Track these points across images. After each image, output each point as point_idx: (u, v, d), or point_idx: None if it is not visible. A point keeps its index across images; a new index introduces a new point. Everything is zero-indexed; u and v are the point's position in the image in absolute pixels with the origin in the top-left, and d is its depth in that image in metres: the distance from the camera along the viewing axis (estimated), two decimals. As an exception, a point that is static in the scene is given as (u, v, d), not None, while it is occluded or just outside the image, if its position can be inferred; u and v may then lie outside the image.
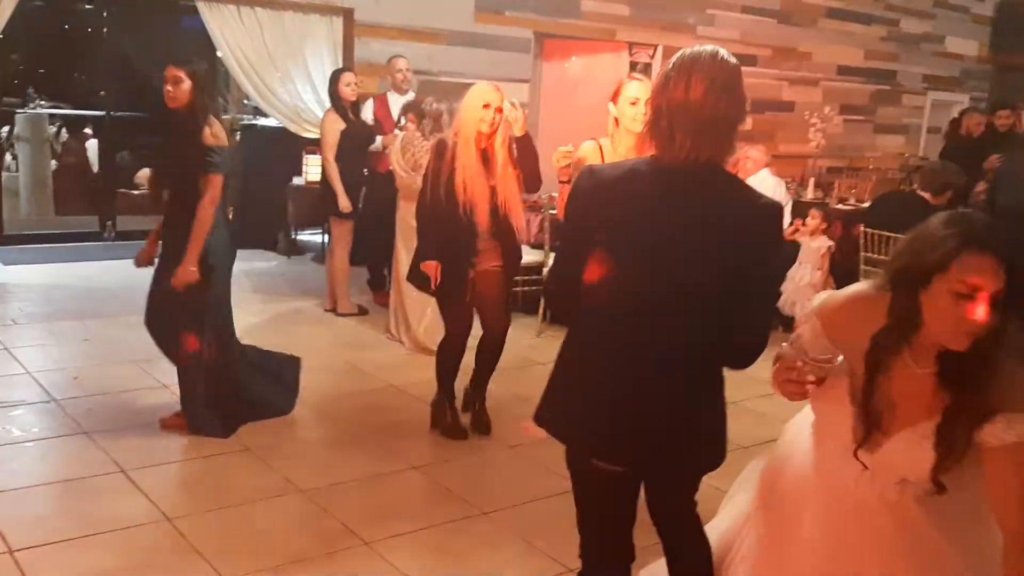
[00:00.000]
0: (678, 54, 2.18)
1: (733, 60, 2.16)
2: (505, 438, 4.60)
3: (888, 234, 5.86)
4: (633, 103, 3.78)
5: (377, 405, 5.03)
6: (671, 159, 2.14)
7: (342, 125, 6.50)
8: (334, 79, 6.64)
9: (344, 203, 6.48)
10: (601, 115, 4.01)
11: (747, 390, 5.64)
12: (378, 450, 4.39)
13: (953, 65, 12.52)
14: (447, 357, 4.58)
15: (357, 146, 6.69)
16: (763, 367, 2.46)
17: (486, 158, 4.35)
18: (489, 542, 3.57)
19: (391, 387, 5.30)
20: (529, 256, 6.84)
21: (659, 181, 2.17)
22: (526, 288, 6.77)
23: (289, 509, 3.74)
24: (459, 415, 4.65)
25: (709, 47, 2.16)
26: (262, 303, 7.01)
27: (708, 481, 2.67)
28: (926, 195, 6.16)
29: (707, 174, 2.15)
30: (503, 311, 4.57)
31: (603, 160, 3.72)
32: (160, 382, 5.06)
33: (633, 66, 9.67)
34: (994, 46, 12.78)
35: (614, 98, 3.89)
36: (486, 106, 4.28)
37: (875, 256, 6.00)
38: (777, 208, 2.19)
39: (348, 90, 6.56)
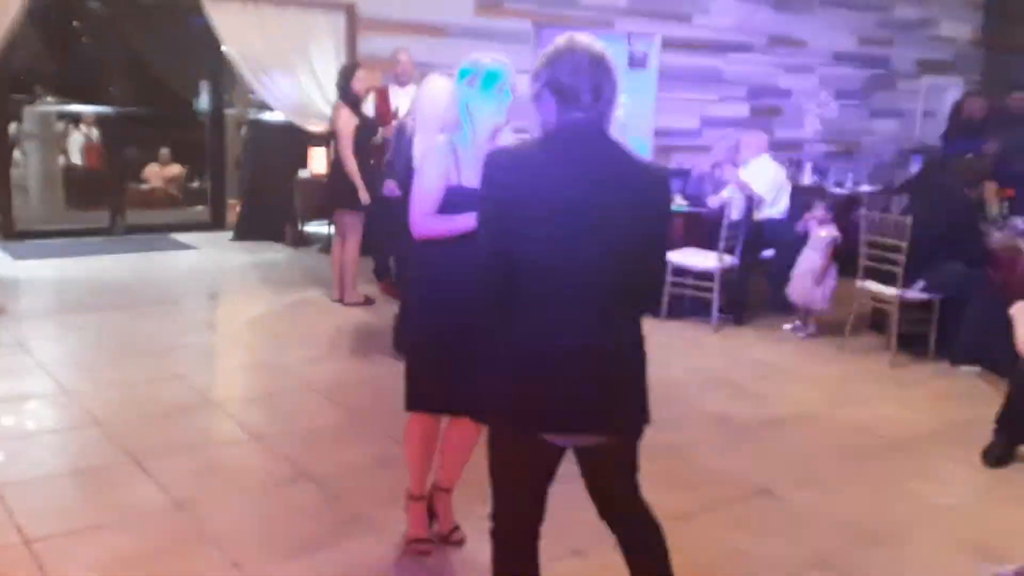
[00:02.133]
0: (558, 39, 2.35)
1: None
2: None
3: (902, 218, 5.91)
4: (499, 90, 3.12)
5: (385, 392, 5.07)
6: (571, 126, 2.29)
7: (356, 120, 6.60)
8: (348, 75, 6.72)
9: (365, 196, 6.56)
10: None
11: (747, 371, 5.76)
12: (388, 436, 4.44)
13: (947, 49, 12.52)
14: None
15: (368, 140, 6.80)
16: (764, 349, 2.56)
17: None
18: (495, 523, 3.65)
19: (398, 374, 5.34)
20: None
21: (568, 150, 2.30)
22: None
23: (301, 496, 3.81)
24: None
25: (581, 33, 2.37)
26: (271, 294, 7.11)
27: (712, 462, 2.73)
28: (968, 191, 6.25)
29: (604, 140, 2.33)
30: None
31: (458, 165, 3.16)
32: (173, 373, 5.17)
33: (632, 56, 9.73)
34: (987, 29, 12.78)
35: (471, 82, 3.13)
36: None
37: (879, 239, 6.03)
38: (665, 169, 2.52)
39: (362, 86, 6.69)
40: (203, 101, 9.48)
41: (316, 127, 8.14)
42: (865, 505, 4.02)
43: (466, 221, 2.96)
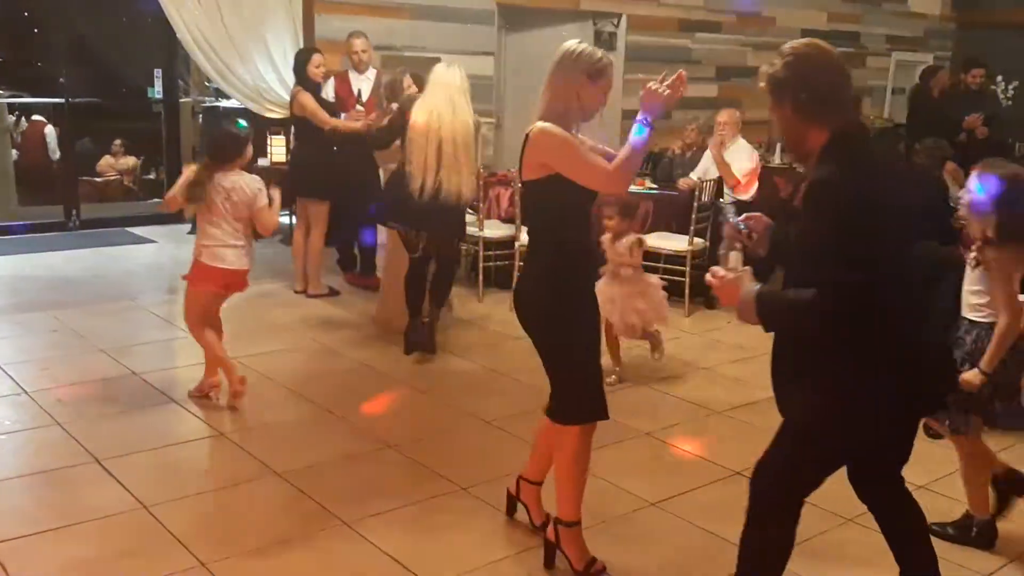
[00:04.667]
0: (791, 45, 2.54)
1: None
2: (480, 413, 4.60)
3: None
4: (607, 92, 3.12)
5: (350, 385, 5.01)
6: (856, 129, 2.46)
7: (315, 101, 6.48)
8: (304, 60, 6.60)
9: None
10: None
11: (721, 355, 5.70)
12: (353, 430, 4.39)
13: (917, 25, 12.56)
14: (412, 285, 5.49)
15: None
16: (737, 332, 2.55)
17: None
18: (469, 517, 3.58)
19: (364, 367, 5.28)
20: (501, 231, 6.85)
21: (877, 161, 2.40)
22: (499, 263, 6.78)
23: (266, 492, 3.73)
24: (420, 333, 5.43)
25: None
26: (232, 287, 6.94)
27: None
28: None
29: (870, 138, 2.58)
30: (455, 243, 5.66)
31: None
32: (131, 370, 5.03)
33: (598, 36, 9.62)
34: (957, 4, 12.83)
35: (593, 77, 3.07)
36: None
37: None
38: None
39: (318, 71, 6.57)
40: (157, 89, 9.25)
41: (274, 113, 7.96)
42: (844, 486, 3.97)
43: (640, 140, 2.93)
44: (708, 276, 2.54)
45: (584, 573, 3.13)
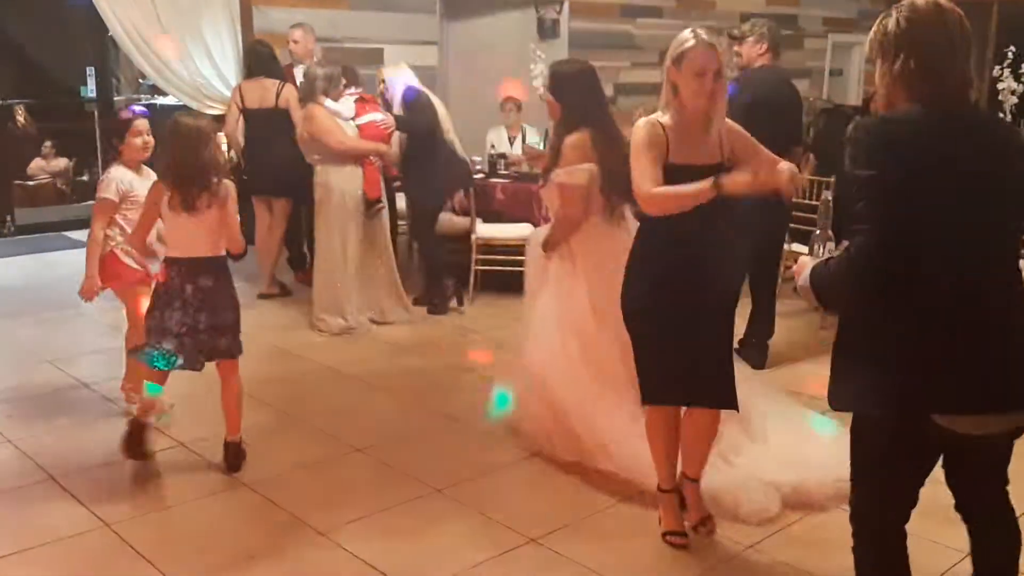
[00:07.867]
0: (912, 3, 2.19)
1: None
2: (445, 411, 4.52)
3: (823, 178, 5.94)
4: (700, 75, 3.02)
5: (310, 388, 4.89)
6: (950, 104, 2.17)
7: None
8: (272, 53, 6.52)
9: None
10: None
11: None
12: (318, 434, 4.27)
13: (851, 7, 12.72)
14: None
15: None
16: None
17: None
18: (445, 518, 3.51)
19: (323, 368, 5.16)
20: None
21: (962, 132, 2.16)
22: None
23: (233, 504, 3.61)
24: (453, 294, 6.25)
25: None
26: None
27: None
28: None
29: (986, 115, 2.34)
30: None
31: (668, 142, 3.07)
32: (80, 381, 4.85)
33: (541, 23, 9.55)
34: (889, -13, 13.06)
35: (675, 62, 3.07)
36: None
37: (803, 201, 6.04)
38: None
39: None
40: (91, 88, 8.96)
41: (214, 109, 7.73)
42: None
43: (696, 189, 2.93)
44: (794, 266, 2.44)
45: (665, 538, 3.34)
